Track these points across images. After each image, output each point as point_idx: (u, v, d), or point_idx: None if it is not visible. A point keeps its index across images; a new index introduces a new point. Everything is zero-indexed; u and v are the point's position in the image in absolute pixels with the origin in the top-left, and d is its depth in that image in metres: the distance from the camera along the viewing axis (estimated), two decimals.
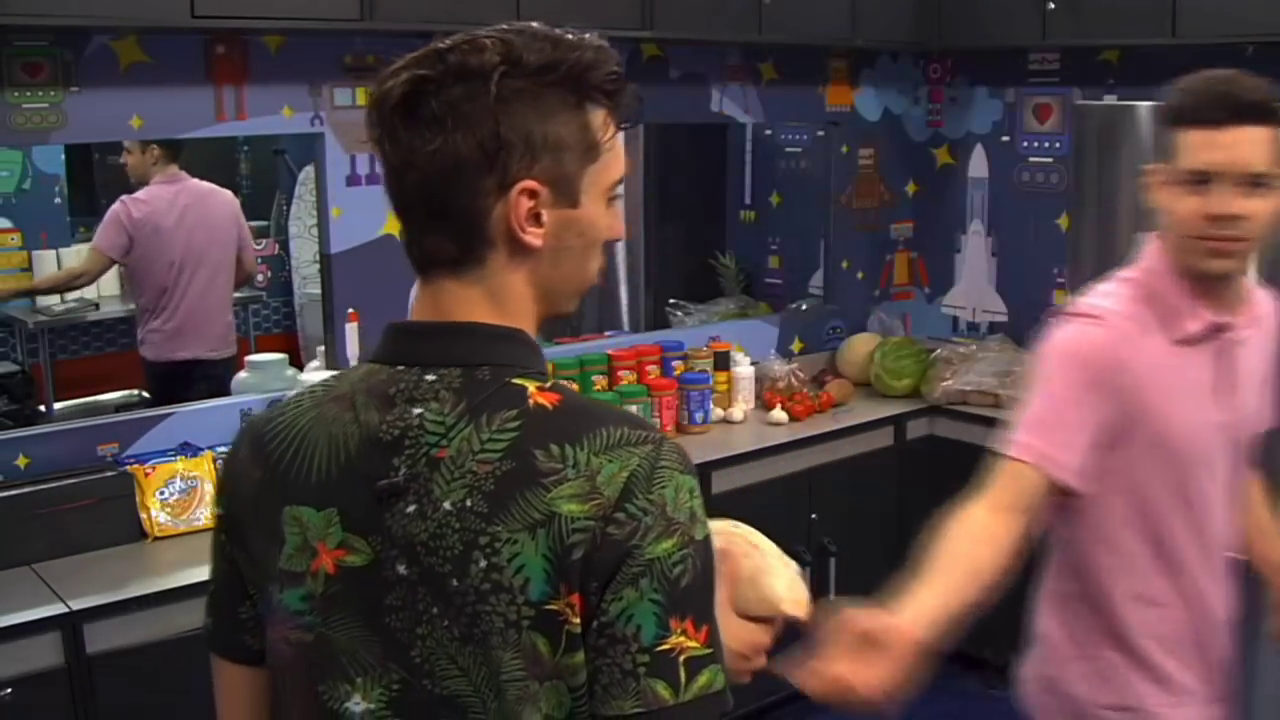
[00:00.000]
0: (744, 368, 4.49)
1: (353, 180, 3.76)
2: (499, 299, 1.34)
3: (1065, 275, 4.51)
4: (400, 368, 1.34)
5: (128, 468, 3.30)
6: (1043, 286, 4.93)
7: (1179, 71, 4.31)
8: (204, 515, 3.29)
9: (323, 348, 3.88)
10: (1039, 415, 2.10)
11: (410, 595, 1.28)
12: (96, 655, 2.85)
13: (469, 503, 1.25)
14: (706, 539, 1.28)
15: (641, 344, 4.44)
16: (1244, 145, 1.99)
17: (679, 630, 1.23)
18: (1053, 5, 4.33)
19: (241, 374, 3.87)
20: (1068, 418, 2.07)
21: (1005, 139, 5.03)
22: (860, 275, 5.22)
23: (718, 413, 4.36)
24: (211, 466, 3.35)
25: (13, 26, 3.05)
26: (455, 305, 1.34)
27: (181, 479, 3.31)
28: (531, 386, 1.31)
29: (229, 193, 4.71)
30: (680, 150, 5.24)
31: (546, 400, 1.30)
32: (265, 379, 3.78)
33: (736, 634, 1.50)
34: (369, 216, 3.80)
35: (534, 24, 1.34)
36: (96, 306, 5.25)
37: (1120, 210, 4.08)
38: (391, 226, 3.84)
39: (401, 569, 1.29)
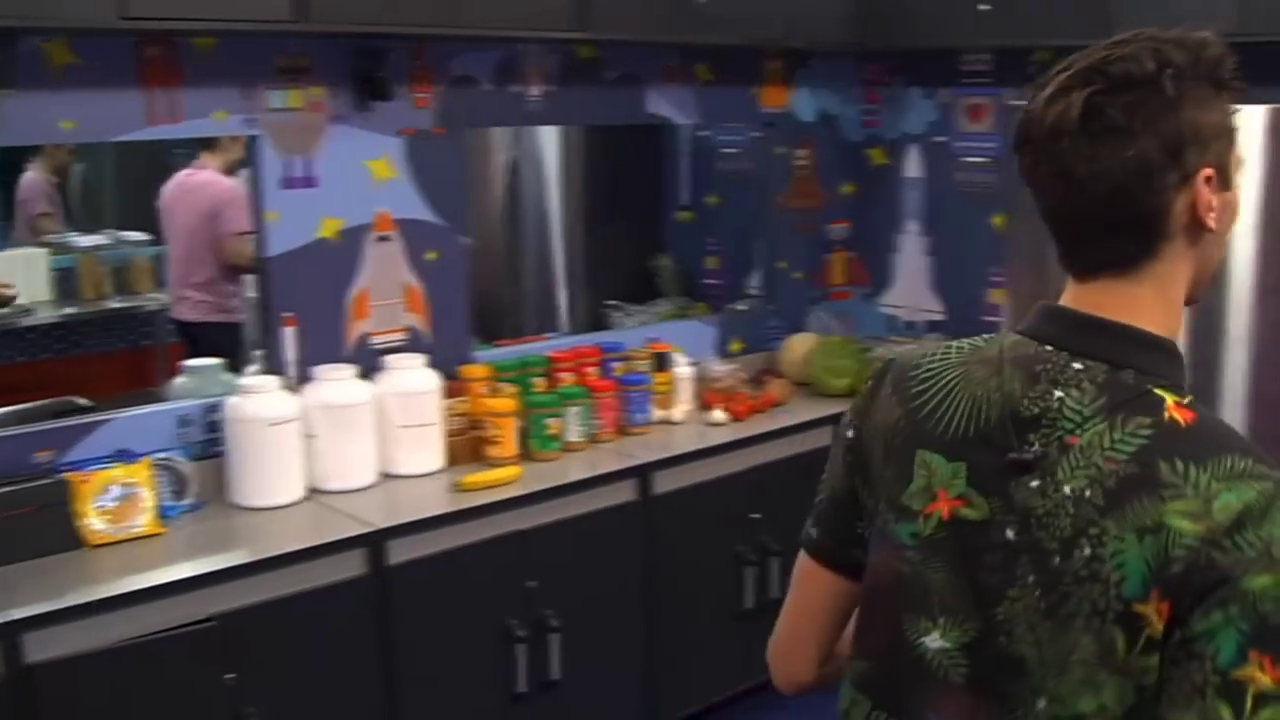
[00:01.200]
0: (683, 368, 4.49)
1: (288, 183, 3.73)
2: (1163, 291, 1.41)
3: (1001, 274, 4.54)
4: (1049, 348, 1.43)
5: (64, 475, 3.26)
6: (979, 285, 4.98)
7: None
8: (143, 522, 3.26)
9: (261, 351, 3.85)
10: None
11: (1011, 559, 1.38)
12: (36, 665, 2.81)
13: (1088, 493, 1.33)
14: None
15: (581, 345, 4.43)
16: None
17: (1256, 663, 1.24)
18: (986, 6, 4.38)
19: (179, 379, 3.82)
20: None
21: (940, 139, 5.07)
22: (798, 275, 5.24)
23: (658, 414, 4.36)
24: (150, 474, 3.32)
25: None
26: (1117, 303, 1.41)
27: (120, 486, 3.27)
28: (1170, 400, 1.36)
29: (229, 181, 4.67)
30: (617, 151, 5.23)
31: (1182, 417, 1.34)
32: (202, 384, 3.73)
33: None
34: (305, 220, 3.77)
35: (1148, 30, 1.43)
36: (29, 312, 5.18)
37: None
38: (327, 230, 3.81)
39: (1010, 534, 1.38)
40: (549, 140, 4.96)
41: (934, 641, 1.45)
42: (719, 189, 5.35)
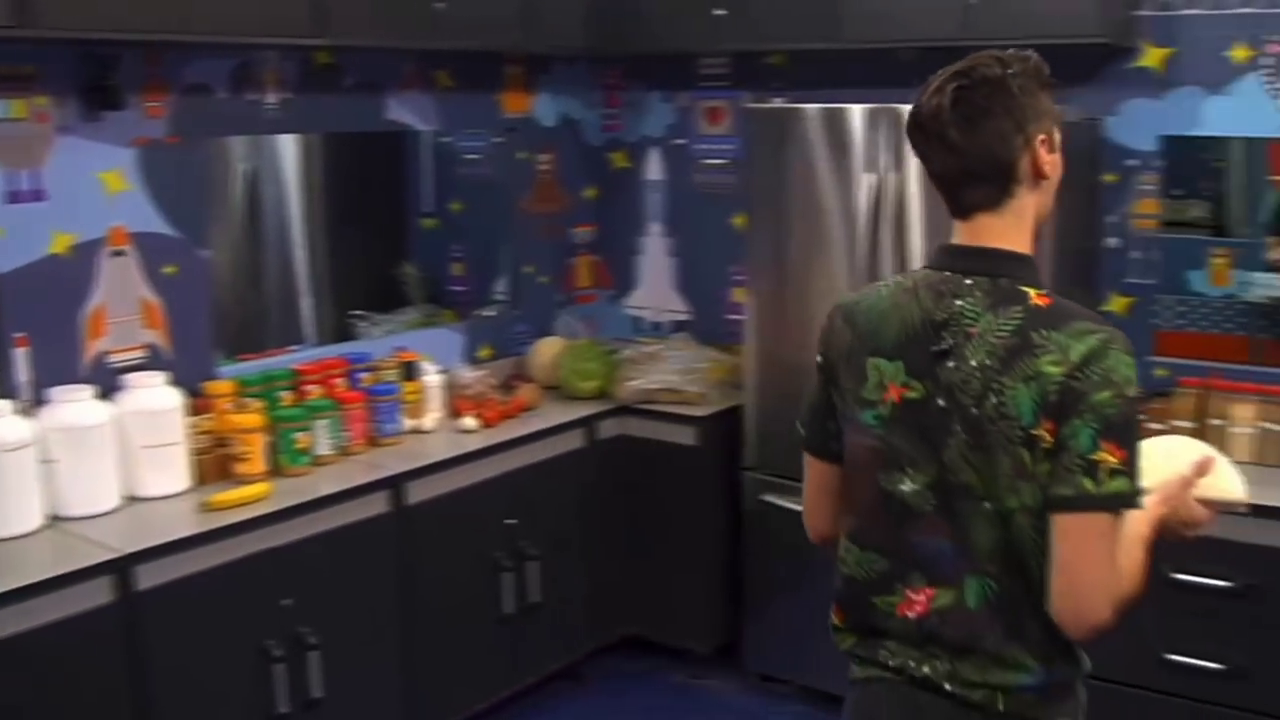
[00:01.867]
0: (432, 377, 4.46)
1: (14, 197, 3.55)
2: (1020, 221, 2.04)
3: (742, 273, 4.64)
4: (947, 273, 2.05)
5: None
6: (722, 285, 5.09)
7: (844, 74, 4.56)
8: None
9: None
10: None
11: (945, 419, 1.99)
12: None
13: (988, 362, 1.95)
14: (1134, 397, 1.90)
15: (327, 357, 4.34)
16: None
17: (1105, 449, 1.87)
18: (721, 11, 4.47)
19: None
20: None
21: (680, 142, 5.16)
22: (544, 280, 5.26)
23: (408, 423, 4.31)
24: None
25: None
26: (989, 234, 2.03)
27: None
28: (1032, 292, 1.99)
29: None
30: (358, 159, 5.14)
31: (1041, 302, 1.97)
32: None
33: (1191, 511, 2.11)
34: (33, 235, 3.59)
35: (991, 51, 2.05)
36: None
37: (791, 209, 4.24)
38: (58, 245, 3.64)
39: (941, 402, 1.99)
40: (289, 149, 4.84)
41: (907, 486, 2.04)
42: (462, 195, 5.32)
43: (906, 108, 3.91)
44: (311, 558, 3.65)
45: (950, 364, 1.98)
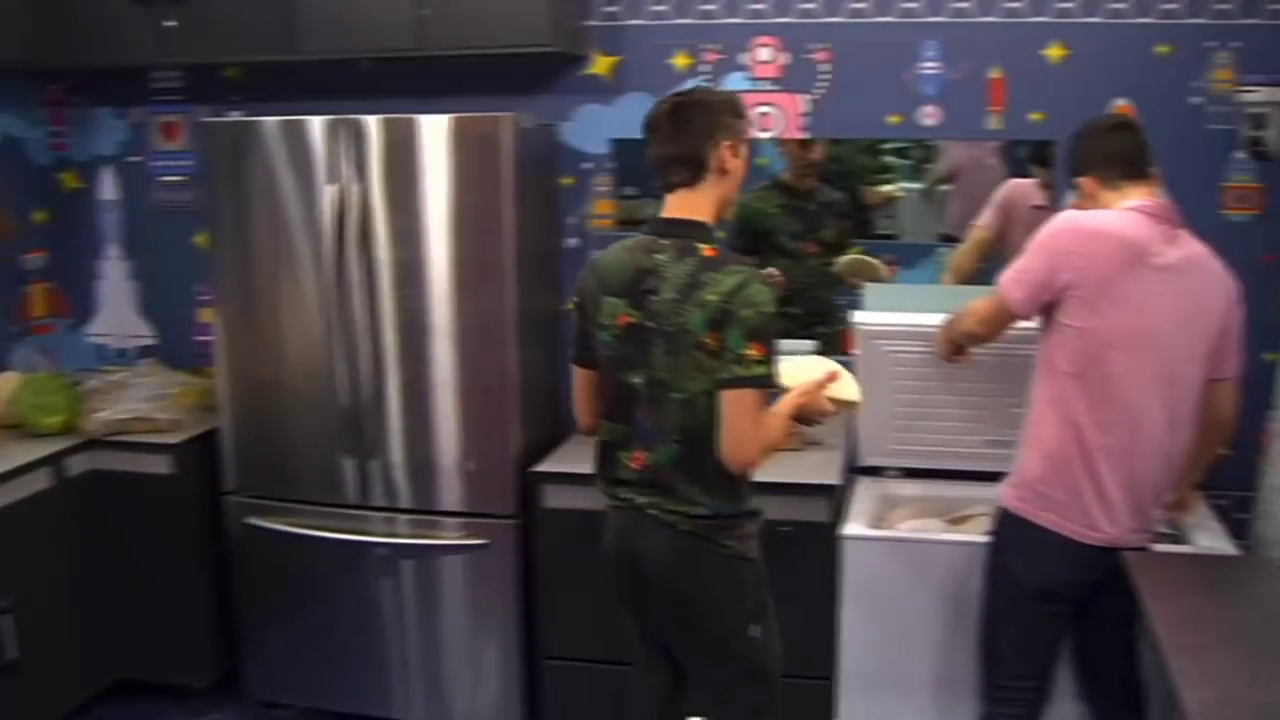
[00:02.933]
0: None
1: None
2: (706, 199, 2.95)
3: (208, 292, 4.50)
4: (653, 237, 2.96)
5: None
6: (187, 306, 4.92)
7: (302, 86, 4.51)
8: None
9: None
10: None
11: (651, 335, 2.91)
12: None
13: (675, 296, 2.86)
14: (772, 314, 2.81)
15: None
16: None
17: (750, 347, 2.79)
18: (172, 23, 4.30)
19: None
20: None
21: (135, 159, 4.93)
22: None
23: None
24: None
25: None
26: (685, 207, 2.95)
27: None
28: (704, 247, 2.89)
29: None
30: None
31: (709, 253, 2.88)
32: None
33: (822, 405, 3.03)
34: None
35: (704, 85, 3.45)
36: None
37: (255, 224, 4.15)
38: None
39: (650, 324, 2.91)
40: None
41: (637, 379, 2.97)
42: None
43: (367, 118, 3.97)
44: None
45: (654, 298, 2.90)
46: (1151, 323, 3.09)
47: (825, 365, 3.12)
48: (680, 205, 2.94)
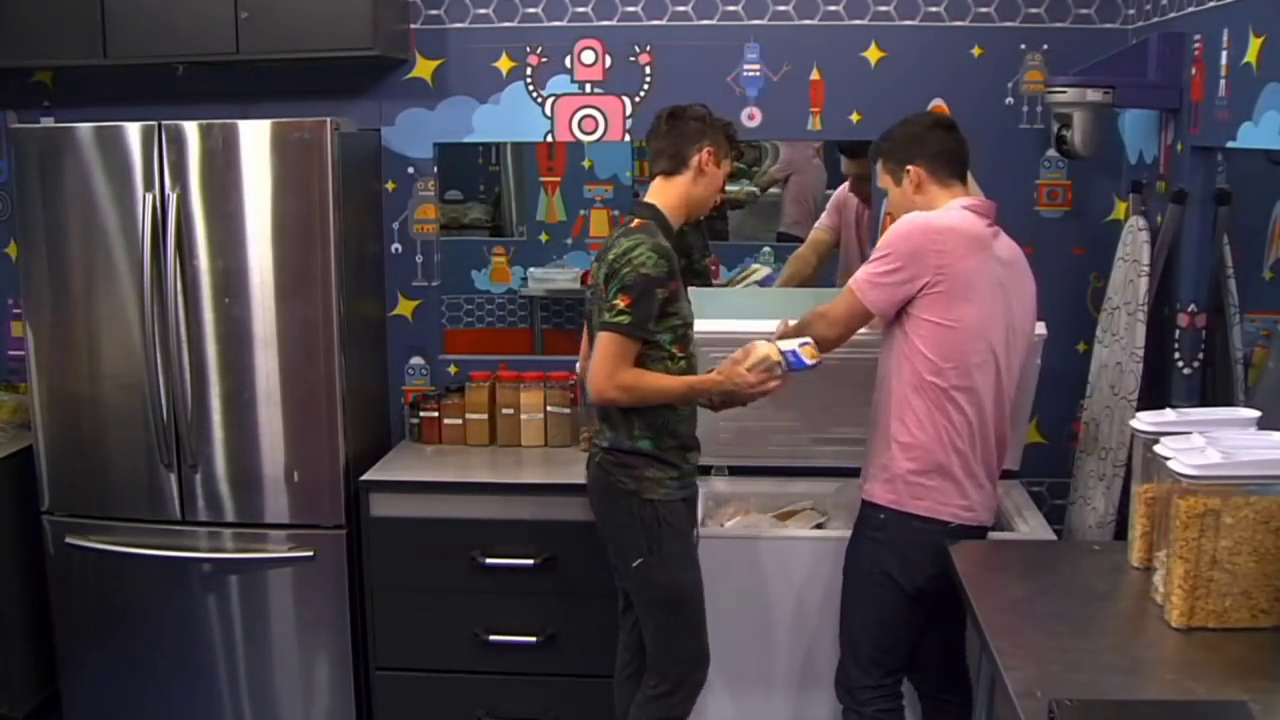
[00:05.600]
0: None
1: None
2: (678, 192, 3.40)
3: (19, 306, 4.35)
4: (629, 215, 3.43)
5: None
6: (5, 322, 4.75)
7: (115, 91, 4.38)
8: None
9: None
10: None
11: (595, 292, 3.36)
12: None
13: (601, 258, 3.34)
14: (649, 275, 3.19)
15: None
16: None
17: (620, 298, 3.19)
18: None
19: None
20: None
21: None
22: None
23: None
24: None
25: None
26: (658, 193, 3.41)
27: None
28: (636, 220, 3.35)
29: None
30: None
31: (633, 225, 3.33)
32: None
33: (743, 378, 3.30)
34: None
35: (700, 105, 3.46)
36: None
37: (69, 234, 4.02)
38: None
39: (592, 282, 3.41)
40: None
41: (595, 321, 3.31)
42: None
43: (185, 124, 3.88)
44: None
45: (596, 262, 3.38)
46: (1005, 310, 3.24)
47: (759, 347, 3.33)
48: (652, 190, 3.43)
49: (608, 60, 4.29)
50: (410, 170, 4.40)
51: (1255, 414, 2.78)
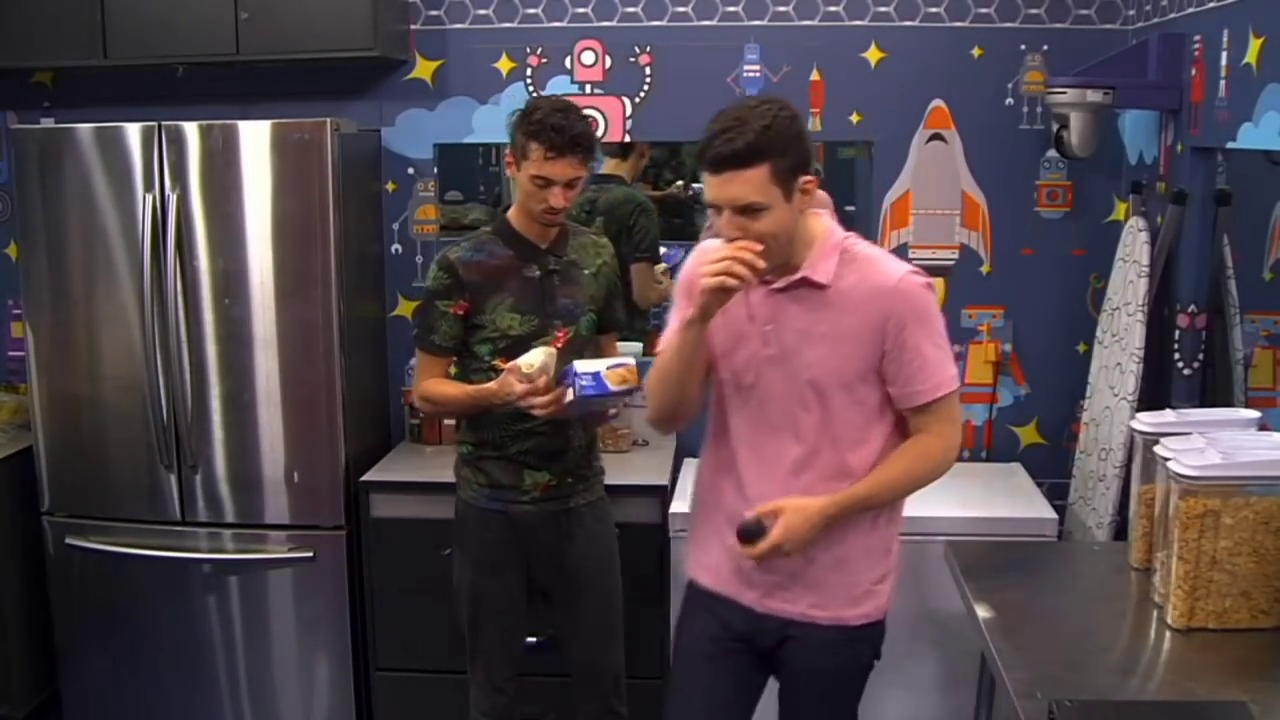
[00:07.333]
0: None
1: None
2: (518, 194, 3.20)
3: (19, 306, 4.35)
4: None
5: None
6: (5, 323, 4.75)
7: (114, 92, 4.38)
8: None
9: None
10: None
11: None
12: None
13: None
14: (426, 287, 3.19)
15: None
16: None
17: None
18: None
19: None
20: None
21: None
22: None
23: None
24: None
25: None
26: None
27: None
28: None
29: None
30: None
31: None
32: None
33: (508, 384, 2.99)
34: None
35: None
36: None
37: (69, 235, 4.02)
38: None
39: None
40: None
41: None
42: None
43: (186, 124, 3.88)
44: None
45: None
46: None
47: (529, 354, 3.02)
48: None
49: (608, 61, 4.29)
50: (410, 171, 4.40)
51: (1255, 414, 2.79)
